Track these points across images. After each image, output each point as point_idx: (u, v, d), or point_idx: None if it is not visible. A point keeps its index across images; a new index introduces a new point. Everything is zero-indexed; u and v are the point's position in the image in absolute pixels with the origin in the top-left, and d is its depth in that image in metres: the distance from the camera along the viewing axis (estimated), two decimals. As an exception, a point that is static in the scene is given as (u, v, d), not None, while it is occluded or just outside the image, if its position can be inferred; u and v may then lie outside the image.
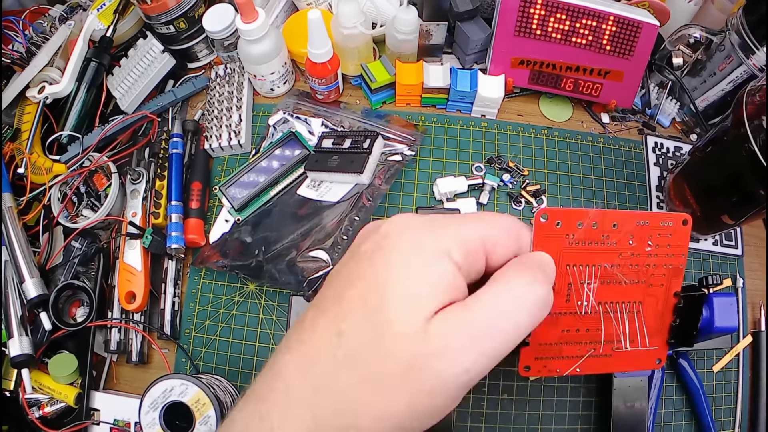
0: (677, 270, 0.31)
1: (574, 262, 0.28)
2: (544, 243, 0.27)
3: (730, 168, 0.46)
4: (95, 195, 0.54)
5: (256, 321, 0.50)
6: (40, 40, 0.57)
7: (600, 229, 0.28)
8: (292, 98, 0.58)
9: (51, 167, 0.54)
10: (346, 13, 0.50)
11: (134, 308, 0.50)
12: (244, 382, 0.48)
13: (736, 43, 0.52)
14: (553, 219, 0.27)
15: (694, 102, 0.57)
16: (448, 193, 0.52)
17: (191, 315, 0.51)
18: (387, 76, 0.54)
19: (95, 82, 0.57)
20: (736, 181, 0.46)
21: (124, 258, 0.51)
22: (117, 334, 0.50)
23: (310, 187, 0.52)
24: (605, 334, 0.30)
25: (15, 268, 0.49)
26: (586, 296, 0.29)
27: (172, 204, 0.52)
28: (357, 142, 0.50)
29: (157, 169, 0.54)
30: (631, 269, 0.30)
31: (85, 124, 0.57)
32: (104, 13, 0.59)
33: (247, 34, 0.51)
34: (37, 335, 0.49)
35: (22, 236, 0.51)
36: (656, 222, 0.29)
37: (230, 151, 0.56)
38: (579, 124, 0.59)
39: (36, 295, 0.48)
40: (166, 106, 0.58)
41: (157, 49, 0.57)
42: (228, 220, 0.53)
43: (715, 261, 0.55)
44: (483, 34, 0.53)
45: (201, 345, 0.50)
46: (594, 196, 0.55)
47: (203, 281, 0.52)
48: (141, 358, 0.50)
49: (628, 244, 0.29)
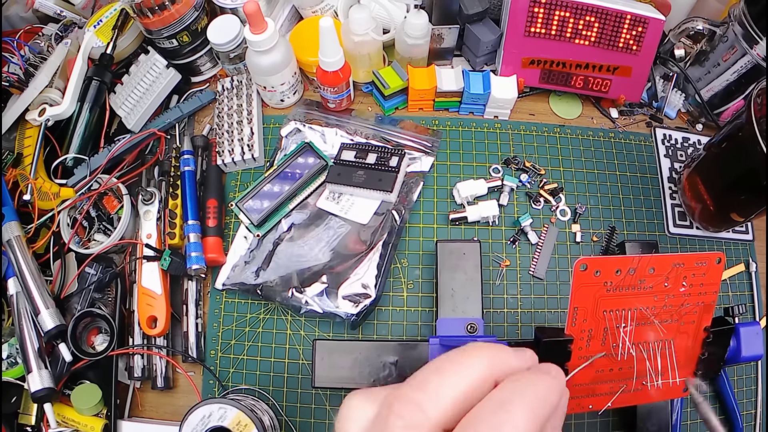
0: (708, 307, 0.32)
1: (611, 307, 0.29)
2: (582, 292, 0.28)
3: (743, 164, 0.47)
4: (107, 218, 0.53)
5: (283, 337, 0.49)
6: (38, 60, 0.55)
7: (637, 275, 0.29)
8: (302, 108, 0.58)
9: (58, 192, 0.52)
10: (357, 19, 0.50)
11: (157, 333, 0.49)
12: (277, 400, 0.48)
13: (740, 34, 0.53)
14: (592, 268, 0.27)
15: (699, 92, 0.58)
16: (468, 196, 0.52)
17: (216, 335, 0.50)
18: (400, 81, 0.53)
19: (98, 101, 0.55)
20: (748, 177, 0.47)
21: (142, 282, 0.50)
22: (140, 360, 0.49)
23: (330, 199, 0.52)
24: (637, 371, 0.31)
25: (28, 299, 0.48)
26: (622, 339, 0.30)
27: (189, 223, 0.50)
28: (383, 158, 0.50)
29: (169, 188, 0.53)
30: (665, 310, 0.30)
31: (89, 145, 0.55)
32: (102, 30, 0.57)
33: (256, 45, 0.50)
34: (57, 367, 0.47)
35: (33, 265, 0.49)
36: (691, 263, 0.30)
37: (243, 166, 0.55)
38: (589, 120, 0.59)
39: (53, 326, 0.46)
40: (172, 122, 0.57)
41: (160, 64, 0.55)
42: (247, 237, 0.52)
43: (728, 247, 0.56)
44: (493, 35, 0.53)
45: (228, 365, 0.49)
46: (609, 191, 0.56)
47: (225, 300, 0.51)
48: (167, 383, 0.49)
49: (664, 287, 0.30)
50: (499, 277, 0.51)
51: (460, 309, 0.44)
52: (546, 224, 0.53)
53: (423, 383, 0.17)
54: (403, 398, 0.16)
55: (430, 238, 0.52)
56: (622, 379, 0.32)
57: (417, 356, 0.41)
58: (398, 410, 0.16)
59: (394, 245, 0.50)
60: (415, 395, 0.16)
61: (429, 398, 0.16)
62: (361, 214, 0.50)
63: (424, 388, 0.16)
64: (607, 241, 0.53)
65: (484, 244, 0.52)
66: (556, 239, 0.53)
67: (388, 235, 0.49)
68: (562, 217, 0.54)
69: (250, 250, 0.51)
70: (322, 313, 0.47)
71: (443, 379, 0.16)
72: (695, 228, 0.56)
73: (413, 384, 0.17)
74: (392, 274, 0.51)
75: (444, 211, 0.53)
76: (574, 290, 0.28)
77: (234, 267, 0.51)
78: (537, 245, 0.52)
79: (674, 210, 0.56)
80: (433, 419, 0.16)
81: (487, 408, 0.16)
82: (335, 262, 0.49)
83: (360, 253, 0.49)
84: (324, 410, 0.47)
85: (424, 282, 0.51)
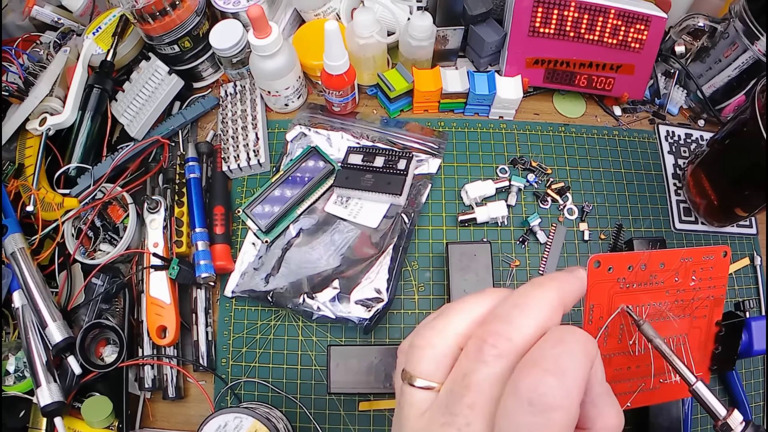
0: (718, 300, 0.32)
1: (626, 304, 0.29)
2: (597, 289, 0.28)
3: (747, 160, 0.48)
4: (112, 228, 0.52)
5: (295, 343, 0.49)
6: (37, 69, 0.54)
7: (648, 270, 0.29)
8: (306, 112, 0.57)
9: (62, 202, 0.51)
10: (362, 22, 0.49)
11: (167, 342, 0.48)
12: (291, 407, 0.47)
13: (741, 30, 0.53)
14: (605, 265, 0.28)
15: (701, 88, 0.59)
16: (477, 197, 0.52)
17: (226, 343, 0.50)
18: (405, 84, 0.53)
19: (99, 109, 0.54)
20: (753, 173, 0.48)
21: (150, 291, 0.49)
22: (150, 370, 0.48)
23: (338, 203, 0.52)
24: (654, 368, 0.31)
25: (35, 311, 0.47)
26: (638, 336, 0.30)
27: (197, 231, 0.50)
28: (391, 161, 0.50)
29: (174, 195, 0.53)
30: (677, 305, 0.31)
31: (92, 154, 0.54)
32: (101, 37, 0.56)
33: (260, 50, 0.49)
34: (66, 380, 0.46)
35: (39, 277, 0.48)
36: (699, 257, 0.31)
37: (249, 172, 0.54)
38: (593, 119, 0.59)
39: (62, 339, 0.46)
40: (176, 129, 0.56)
41: (162, 70, 0.55)
42: (255, 243, 0.51)
43: (733, 241, 0.57)
44: (497, 36, 0.53)
45: (240, 373, 0.49)
46: (615, 189, 0.56)
47: (235, 308, 0.51)
48: (178, 393, 0.48)
49: (674, 282, 0.30)
50: (510, 278, 0.51)
51: (472, 310, 0.44)
52: (554, 224, 0.53)
53: (507, 317, 0.19)
54: (494, 332, 0.19)
55: (440, 240, 0.52)
56: (640, 377, 0.32)
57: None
58: (492, 341, 0.19)
59: (404, 248, 0.49)
60: (503, 327, 0.19)
61: (515, 329, 0.19)
62: (370, 217, 0.50)
63: (509, 321, 0.19)
64: (614, 239, 0.53)
65: (494, 244, 0.52)
66: (564, 238, 0.53)
67: (399, 239, 0.49)
68: (570, 216, 0.54)
69: (259, 257, 0.51)
70: (334, 318, 0.46)
71: (524, 312, 0.19)
72: (700, 223, 0.57)
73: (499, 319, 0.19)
74: (402, 277, 0.50)
75: (452, 212, 0.53)
76: (589, 287, 0.28)
77: (243, 274, 0.50)
78: (546, 245, 0.52)
79: (679, 206, 0.57)
80: (519, 346, 0.19)
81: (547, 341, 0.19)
82: (345, 266, 0.49)
83: (370, 257, 0.48)
84: (338, 416, 0.47)
85: (435, 284, 0.51)
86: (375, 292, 0.47)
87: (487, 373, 0.18)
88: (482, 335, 0.19)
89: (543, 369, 0.17)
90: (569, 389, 0.17)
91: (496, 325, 0.19)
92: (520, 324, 0.19)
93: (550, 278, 0.21)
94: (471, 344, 0.19)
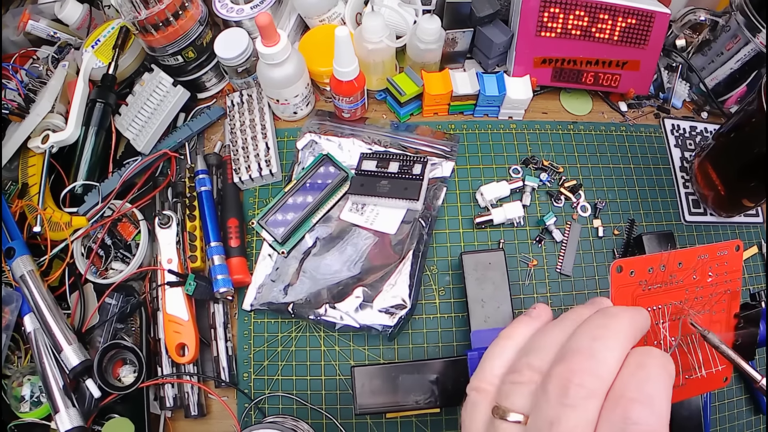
0: (735, 293, 0.33)
1: (648, 305, 0.30)
2: (621, 293, 0.29)
3: (755, 151, 0.48)
4: (123, 245, 0.51)
5: (318, 354, 0.48)
6: (37, 85, 0.52)
7: (668, 270, 0.30)
8: (314, 119, 0.57)
9: (70, 221, 0.50)
10: (371, 27, 0.49)
11: (187, 360, 0.47)
12: (316, 419, 0.47)
13: (742, 23, 0.54)
14: (627, 269, 0.29)
15: (704, 81, 0.60)
16: (493, 199, 0.52)
17: (247, 357, 0.49)
18: (415, 87, 0.53)
19: (103, 124, 0.53)
20: (760, 164, 0.48)
21: (166, 309, 0.48)
22: (171, 389, 0.47)
23: (354, 211, 0.51)
24: (681, 365, 0.32)
25: (48, 335, 0.46)
26: (663, 336, 0.31)
27: (212, 245, 0.49)
28: (406, 166, 0.50)
29: (185, 209, 0.52)
30: (696, 302, 0.32)
31: (97, 170, 0.53)
32: (101, 50, 0.55)
33: (269, 58, 0.48)
34: (84, 403, 0.45)
35: (50, 300, 0.47)
36: (714, 253, 0.32)
37: (261, 182, 0.54)
38: (600, 116, 0.60)
39: (78, 362, 0.45)
40: (183, 141, 0.55)
41: (167, 82, 0.54)
42: (271, 255, 0.51)
43: (741, 230, 0.58)
44: (505, 36, 0.53)
45: (263, 387, 0.48)
46: (625, 184, 0.57)
47: (254, 321, 0.50)
48: (200, 410, 0.47)
49: (692, 279, 0.31)
50: (528, 277, 0.51)
51: (492, 319, 0.44)
52: (568, 221, 0.53)
53: (589, 352, 0.18)
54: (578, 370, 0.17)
55: (457, 243, 0.52)
56: None
57: (457, 371, 0.40)
58: (578, 380, 0.17)
59: (423, 254, 0.49)
60: (588, 364, 0.18)
61: (599, 364, 0.18)
62: (387, 224, 0.50)
63: (593, 355, 0.18)
64: (627, 234, 0.54)
65: (510, 245, 0.52)
66: (579, 235, 0.53)
67: (417, 244, 0.49)
68: (583, 213, 0.54)
69: (276, 268, 0.50)
70: (358, 327, 0.46)
71: (605, 344, 0.18)
72: (709, 215, 0.57)
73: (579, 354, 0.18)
74: (422, 282, 0.50)
75: (468, 215, 0.53)
76: (613, 292, 0.29)
77: (260, 287, 0.50)
78: (562, 243, 0.52)
79: (688, 198, 0.58)
80: (607, 381, 0.17)
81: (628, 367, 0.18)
82: (365, 274, 0.48)
83: (390, 264, 0.48)
84: (365, 424, 0.47)
85: (455, 288, 0.51)
86: (398, 299, 0.46)
87: (576, 420, 0.17)
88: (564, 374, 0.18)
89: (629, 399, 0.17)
90: (660, 414, 0.17)
91: (579, 361, 0.18)
92: (605, 357, 0.18)
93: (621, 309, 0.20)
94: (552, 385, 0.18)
